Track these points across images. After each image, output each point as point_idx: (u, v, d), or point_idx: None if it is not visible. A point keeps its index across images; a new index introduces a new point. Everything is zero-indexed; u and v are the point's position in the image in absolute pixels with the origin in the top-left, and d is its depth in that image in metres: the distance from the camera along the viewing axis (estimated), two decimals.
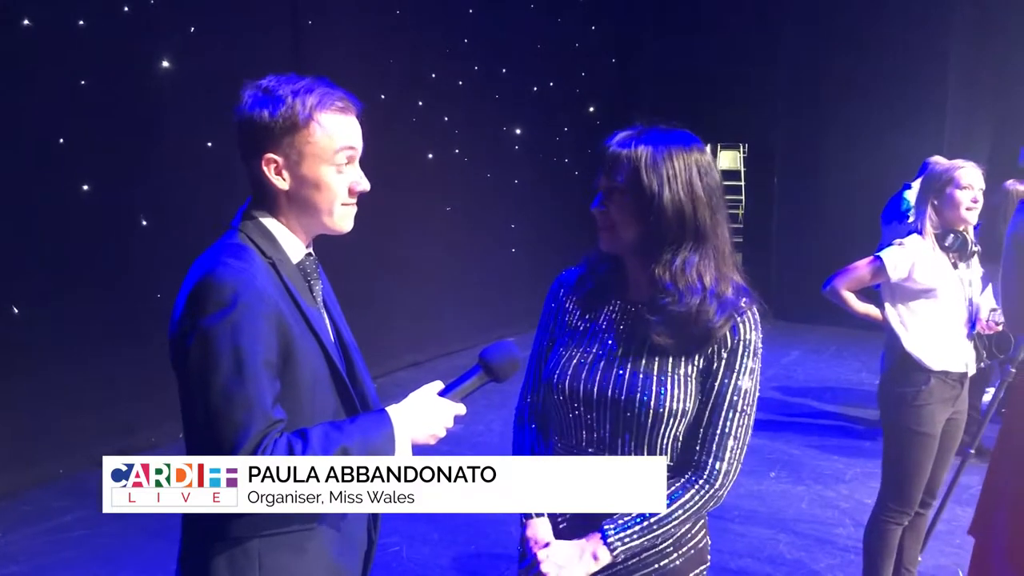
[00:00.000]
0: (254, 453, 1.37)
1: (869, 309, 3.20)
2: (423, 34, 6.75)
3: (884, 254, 2.98)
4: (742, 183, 13.58)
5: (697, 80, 9.15)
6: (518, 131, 8.04)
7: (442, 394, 1.57)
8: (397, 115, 6.55)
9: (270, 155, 1.49)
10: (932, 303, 2.97)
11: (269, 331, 1.42)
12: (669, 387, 1.60)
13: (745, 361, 1.61)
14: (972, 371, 3.05)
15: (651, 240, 1.60)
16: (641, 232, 1.60)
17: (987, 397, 5.32)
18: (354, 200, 1.57)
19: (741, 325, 1.61)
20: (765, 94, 8.82)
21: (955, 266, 3.01)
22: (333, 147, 1.50)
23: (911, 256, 2.94)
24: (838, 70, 8.19)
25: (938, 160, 5.12)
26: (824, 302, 3.24)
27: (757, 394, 1.65)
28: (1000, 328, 3.09)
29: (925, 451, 2.98)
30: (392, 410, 1.52)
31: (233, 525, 1.47)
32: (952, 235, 2.97)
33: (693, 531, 1.69)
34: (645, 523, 1.59)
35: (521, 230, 8.04)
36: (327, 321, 1.62)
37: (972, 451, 3.50)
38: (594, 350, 1.68)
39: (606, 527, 1.60)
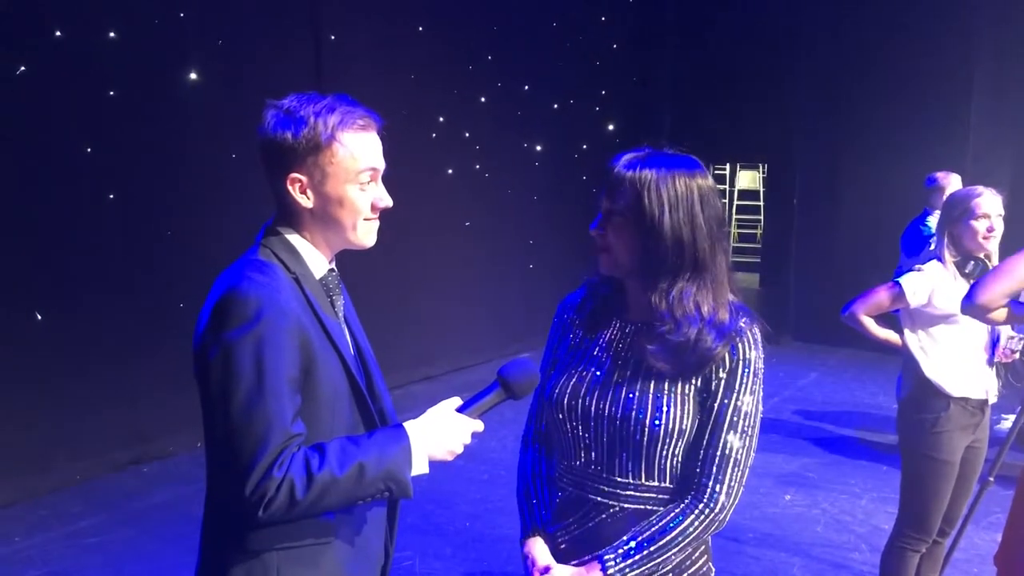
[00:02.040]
0: (271, 466, 1.38)
1: (888, 334, 3.17)
2: (445, 50, 6.81)
3: (903, 280, 2.97)
4: (761, 203, 13.57)
5: (717, 100, 9.16)
6: (538, 147, 8.07)
7: (460, 410, 1.58)
8: (418, 130, 6.61)
9: (294, 175, 1.51)
10: (952, 329, 2.94)
11: (291, 346, 1.44)
12: (666, 405, 1.58)
13: (745, 381, 1.59)
14: (993, 398, 3.03)
15: (649, 266, 1.59)
16: (639, 258, 1.59)
17: (1006, 424, 5.27)
18: (376, 216, 1.58)
19: (740, 344, 1.59)
20: (785, 114, 8.80)
21: None
22: (356, 166, 1.52)
23: (930, 282, 2.92)
24: (859, 91, 8.16)
25: (944, 178, 5.05)
26: (842, 324, 3.22)
27: (759, 415, 1.63)
28: (1017, 356, 3.06)
29: (944, 479, 2.95)
30: (409, 425, 1.52)
31: (251, 538, 1.48)
32: (972, 262, 2.95)
33: (694, 557, 1.66)
34: (645, 551, 1.57)
35: (539, 246, 8.05)
36: (348, 336, 1.64)
37: (991, 478, 3.46)
38: (592, 369, 1.68)
39: (606, 557, 1.58)
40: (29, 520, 4.24)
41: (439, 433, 1.53)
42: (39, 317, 4.49)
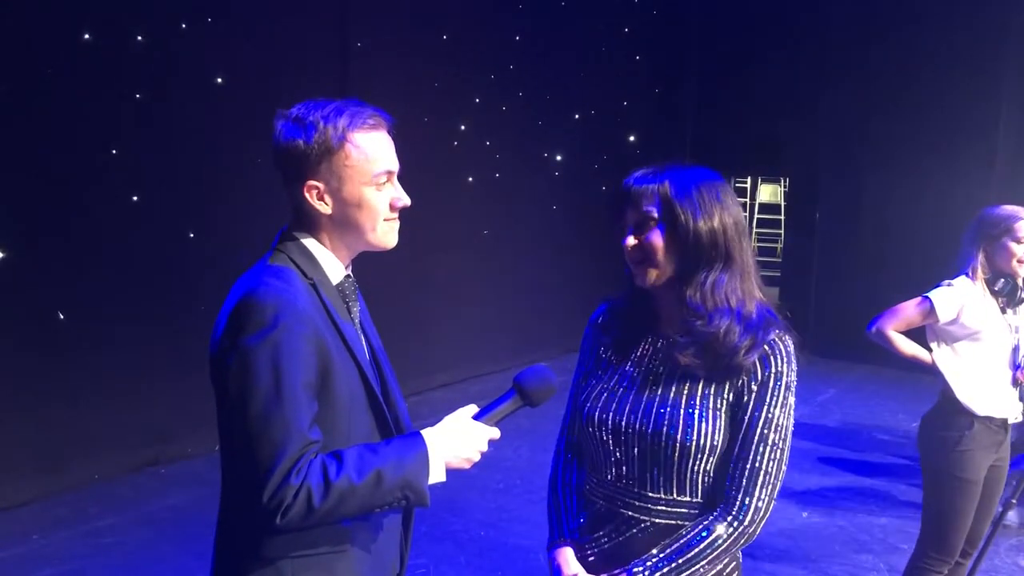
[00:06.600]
0: (289, 473, 1.37)
1: (917, 351, 3.08)
2: (469, 59, 6.83)
3: (934, 295, 2.92)
4: (782, 217, 13.48)
5: (739, 113, 9.12)
6: (559, 157, 8.08)
7: (476, 418, 1.57)
8: (440, 138, 6.63)
9: (311, 182, 1.51)
10: (976, 346, 2.90)
11: (308, 352, 1.43)
12: (698, 420, 1.58)
13: (776, 394, 1.59)
14: (1017, 418, 2.98)
15: (686, 267, 1.61)
16: (676, 260, 1.61)
17: None
18: (396, 215, 1.58)
19: (772, 357, 1.59)
20: (808, 129, 8.74)
21: (1003, 311, 2.94)
22: (370, 167, 1.52)
23: (960, 298, 2.88)
24: (883, 107, 8.10)
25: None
26: (862, 340, 3.17)
27: (791, 428, 1.62)
28: None
29: (968, 498, 2.90)
30: (427, 433, 1.52)
31: (266, 544, 1.48)
32: (1003, 280, 2.91)
33: (726, 573, 1.66)
34: (675, 563, 1.57)
35: (557, 256, 8.04)
36: (364, 342, 1.63)
37: (1014, 500, 3.41)
38: (624, 384, 1.69)
39: (635, 570, 1.59)
40: (46, 519, 4.27)
41: (456, 440, 1.52)
42: (61, 317, 4.53)
